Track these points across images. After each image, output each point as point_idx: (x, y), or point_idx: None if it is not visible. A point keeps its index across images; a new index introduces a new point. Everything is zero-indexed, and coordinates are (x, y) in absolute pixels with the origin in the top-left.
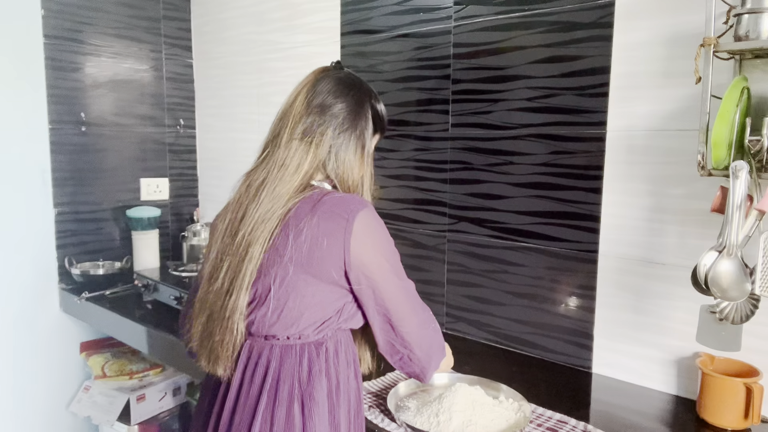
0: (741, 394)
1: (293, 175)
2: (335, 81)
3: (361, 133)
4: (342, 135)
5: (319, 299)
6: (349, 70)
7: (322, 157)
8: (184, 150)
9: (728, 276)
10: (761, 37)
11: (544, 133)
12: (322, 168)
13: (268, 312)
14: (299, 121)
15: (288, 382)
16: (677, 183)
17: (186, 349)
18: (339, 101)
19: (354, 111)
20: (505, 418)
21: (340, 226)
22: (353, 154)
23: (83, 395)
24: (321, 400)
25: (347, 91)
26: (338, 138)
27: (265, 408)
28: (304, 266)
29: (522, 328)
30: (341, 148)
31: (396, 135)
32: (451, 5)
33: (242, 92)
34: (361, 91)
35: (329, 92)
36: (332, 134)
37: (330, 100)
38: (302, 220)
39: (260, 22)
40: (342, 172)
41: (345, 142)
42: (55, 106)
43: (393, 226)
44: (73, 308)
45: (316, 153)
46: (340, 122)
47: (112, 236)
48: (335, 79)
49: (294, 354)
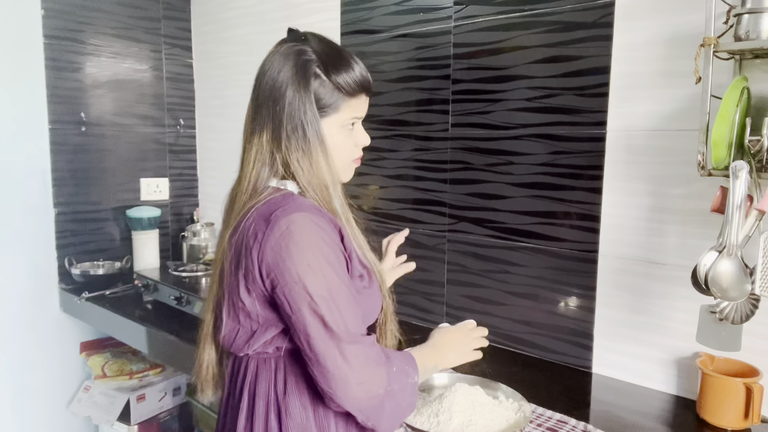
0: (741, 394)
1: (245, 182)
2: (269, 62)
3: (300, 117)
4: (280, 124)
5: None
6: (299, 41)
7: (267, 156)
8: (184, 150)
9: (728, 276)
10: (761, 37)
11: (544, 133)
12: (277, 166)
13: (227, 331)
14: (248, 121)
15: (263, 396)
16: (677, 183)
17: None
18: (269, 86)
19: (284, 94)
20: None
21: (260, 229)
22: (298, 143)
23: (83, 395)
24: (296, 413)
25: (279, 69)
26: (278, 130)
27: (245, 423)
28: (241, 279)
29: (522, 328)
30: (284, 140)
31: (396, 135)
32: (451, 5)
33: (242, 92)
34: (297, 65)
35: (262, 76)
36: (271, 126)
37: (264, 88)
38: (240, 228)
39: (260, 22)
40: (294, 169)
41: (286, 132)
42: (55, 106)
43: (393, 226)
44: (73, 308)
45: (261, 151)
46: (275, 111)
47: (112, 236)
48: (270, 60)
49: (269, 365)
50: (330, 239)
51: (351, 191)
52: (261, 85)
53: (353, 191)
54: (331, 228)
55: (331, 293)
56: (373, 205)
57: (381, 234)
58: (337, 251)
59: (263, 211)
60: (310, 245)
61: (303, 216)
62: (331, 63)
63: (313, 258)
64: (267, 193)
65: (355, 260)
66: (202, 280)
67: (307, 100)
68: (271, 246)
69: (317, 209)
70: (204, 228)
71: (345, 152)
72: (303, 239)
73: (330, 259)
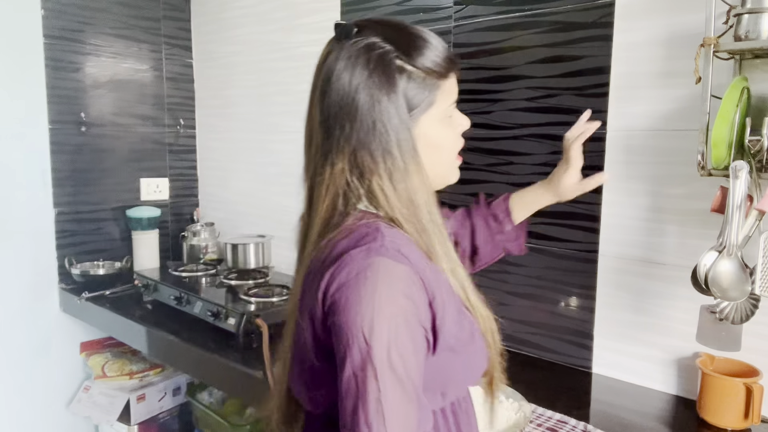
0: (741, 394)
1: (317, 220)
2: (331, 71)
3: (386, 130)
4: (360, 146)
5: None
6: (360, 35)
7: (343, 187)
8: (184, 150)
9: (728, 276)
10: (761, 37)
11: (544, 133)
12: (359, 195)
13: (295, 382)
14: (314, 147)
15: None
16: (677, 183)
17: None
18: (339, 101)
19: (360, 106)
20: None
21: (327, 268)
22: (385, 164)
23: (83, 395)
24: None
25: (348, 76)
26: (357, 154)
27: None
28: (308, 323)
29: (522, 328)
30: (367, 164)
31: None
32: (451, 5)
33: (242, 92)
34: (372, 64)
35: (327, 91)
36: (347, 151)
37: (332, 104)
38: (311, 265)
39: (260, 22)
40: (379, 198)
41: (370, 153)
42: (55, 106)
43: None
44: (73, 308)
45: (335, 183)
46: (350, 131)
47: (112, 236)
48: (331, 68)
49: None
50: (413, 306)
51: None
52: (328, 103)
53: None
54: (419, 285)
55: (385, 391)
56: None
57: None
58: (416, 327)
59: (339, 245)
60: (381, 309)
61: (384, 264)
62: (412, 46)
63: (379, 327)
64: (348, 223)
65: (447, 324)
66: (202, 280)
67: (392, 106)
68: (336, 289)
69: (405, 250)
70: (204, 228)
71: (450, 148)
72: (375, 296)
73: (401, 340)
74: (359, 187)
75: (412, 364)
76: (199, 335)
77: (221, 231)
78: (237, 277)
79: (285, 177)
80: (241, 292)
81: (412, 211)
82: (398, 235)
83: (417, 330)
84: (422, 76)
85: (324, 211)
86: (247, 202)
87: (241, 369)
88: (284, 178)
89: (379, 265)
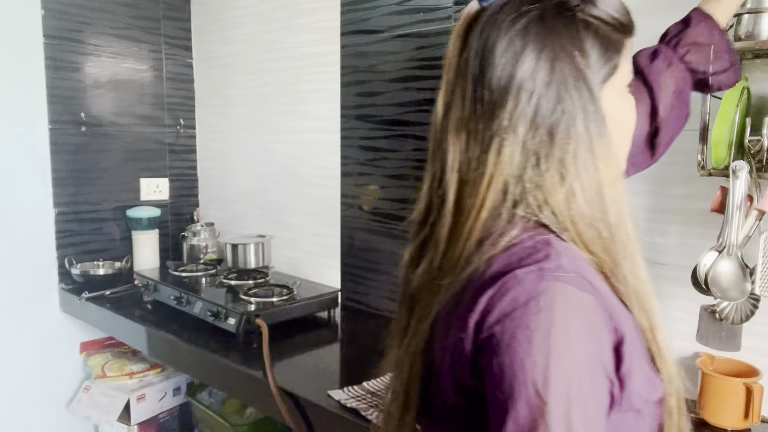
0: (741, 394)
1: (472, 214)
2: (485, 39)
3: (572, 108)
4: (534, 133)
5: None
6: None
7: (503, 185)
8: (184, 150)
9: (728, 276)
10: (761, 37)
11: None
12: (525, 200)
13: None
14: (466, 142)
15: None
16: (677, 183)
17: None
18: (503, 75)
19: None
20: None
21: (485, 291)
22: (568, 155)
23: (83, 395)
24: None
25: (523, 30)
26: (530, 145)
27: None
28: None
29: None
30: (541, 157)
31: (396, 135)
32: (451, 5)
33: (243, 92)
34: (548, 19)
35: (485, 65)
36: (517, 141)
37: (495, 80)
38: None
39: (260, 22)
40: (552, 202)
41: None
42: (55, 106)
43: (393, 226)
44: (73, 308)
45: (498, 182)
46: (521, 113)
47: (112, 236)
48: (486, 34)
49: None
50: (600, 350)
51: (351, 191)
52: (490, 78)
53: (353, 191)
54: (606, 323)
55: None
56: (373, 205)
57: (382, 234)
58: (602, 379)
59: (496, 261)
60: (559, 353)
61: (563, 292)
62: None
63: (557, 377)
64: (513, 233)
65: (636, 377)
66: (202, 280)
67: (578, 73)
68: (496, 320)
69: (588, 274)
70: (204, 228)
71: (632, 129)
72: (552, 334)
73: (585, 395)
74: (532, 179)
75: (597, 428)
76: (199, 335)
77: (221, 231)
78: (237, 277)
79: (285, 177)
80: (241, 292)
81: (599, 208)
82: (575, 253)
83: (602, 383)
84: (608, 33)
85: (486, 211)
86: (247, 202)
87: (241, 369)
88: (284, 178)
89: (555, 292)
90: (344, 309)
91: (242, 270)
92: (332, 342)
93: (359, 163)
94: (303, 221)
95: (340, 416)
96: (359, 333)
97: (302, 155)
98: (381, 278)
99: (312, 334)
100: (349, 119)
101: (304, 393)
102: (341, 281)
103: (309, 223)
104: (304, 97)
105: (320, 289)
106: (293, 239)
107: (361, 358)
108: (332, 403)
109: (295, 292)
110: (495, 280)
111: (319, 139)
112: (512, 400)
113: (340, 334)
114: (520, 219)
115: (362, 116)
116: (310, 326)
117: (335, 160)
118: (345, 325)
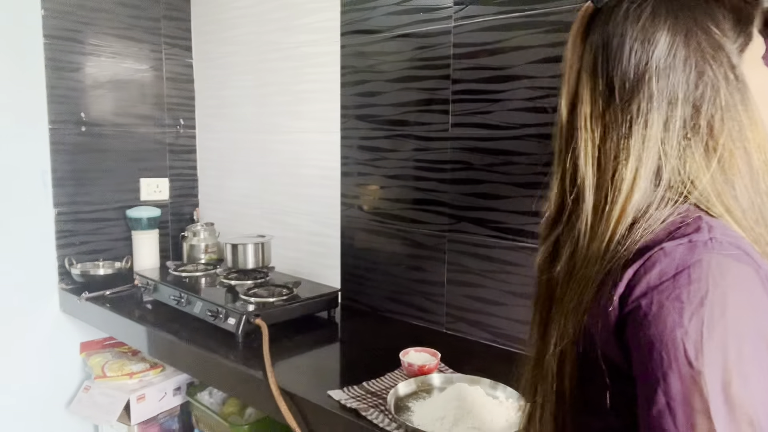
0: None
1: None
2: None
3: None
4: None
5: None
6: None
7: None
8: (184, 150)
9: None
10: None
11: (544, 133)
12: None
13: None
14: (593, 122)
15: None
16: None
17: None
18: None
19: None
20: (505, 418)
21: (631, 266)
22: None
23: (83, 395)
24: None
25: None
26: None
27: None
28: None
29: (522, 328)
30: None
31: (396, 135)
32: (451, 5)
33: (242, 92)
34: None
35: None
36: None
37: (625, 63)
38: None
39: (260, 22)
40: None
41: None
42: (55, 106)
43: (393, 226)
44: (73, 308)
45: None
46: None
47: (112, 236)
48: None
49: None
50: (763, 323)
51: (351, 191)
52: (622, 69)
53: (353, 191)
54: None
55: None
56: (373, 205)
57: (381, 234)
58: (761, 345)
59: (645, 241)
60: (713, 323)
61: (718, 263)
62: None
63: (711, 347)
64: (662, 215)
65: None
66: (202, 280)
67: (718, 45)
68: (642, 293)
69: (745, 245)
70: (204, 228)
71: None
72: (705, 305)
73: (746, 368)
74: (681, 156)
75: (762, 407)
76: (199, 335)
77: (221, 231)
78: (237, 277)
79: (285, 177)
80: (241, 292)
81: (750, 178)
82: (727, 227)
83: (764, 356)
84: (738, 3)
85: (637, 193)
86: (247, 202)
87: (241, 369)
88: (284, 178)
89: (710, 263)
90: (344, 309)
91: (242, 270)
92: (332, 342)
93: (359, 163)
94: (303, 221)
95: (340, 416)
96: (359, 333)
97: (302, 155)
98: (381, 278)
99: (312, 334)
100: (349, 119)
101: (304, 393)
102: (341, 281)
103: (309, 223)
104: (305, 97)
105: (320, 289)
106: (293, 239)
107: (360, 358)
108: (332, 403)
109: (295, 292)
110: (641, 254)
111: (319, 139)
112: (662, 372)
113: (339, 334)
114: (669, 199)
115: (362, 116)
116: (310, 326)
117: (335, 160)
118: (345, 325)
